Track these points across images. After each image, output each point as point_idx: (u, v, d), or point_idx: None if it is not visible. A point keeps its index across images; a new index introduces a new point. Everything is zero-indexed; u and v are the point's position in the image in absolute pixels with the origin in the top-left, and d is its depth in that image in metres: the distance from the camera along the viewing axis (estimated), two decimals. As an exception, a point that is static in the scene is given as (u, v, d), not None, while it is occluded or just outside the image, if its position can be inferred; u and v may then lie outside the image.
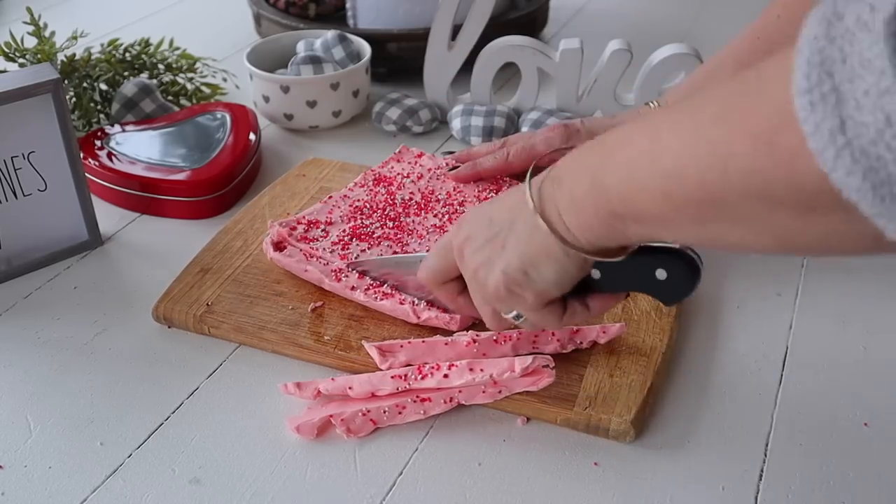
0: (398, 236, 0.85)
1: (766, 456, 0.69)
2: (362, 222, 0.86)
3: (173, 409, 0.74)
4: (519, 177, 0.94)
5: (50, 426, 0.72)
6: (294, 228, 0.85)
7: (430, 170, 0.94)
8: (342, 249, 0.83)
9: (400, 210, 0.89)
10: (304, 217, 0.87)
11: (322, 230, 0.85)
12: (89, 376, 0.77)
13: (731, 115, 0.44)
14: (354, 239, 0.85)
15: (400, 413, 0.71)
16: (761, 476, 0.67)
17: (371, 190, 0.91)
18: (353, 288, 0.80)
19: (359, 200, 0.90)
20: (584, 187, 0.54)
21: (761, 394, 0.74)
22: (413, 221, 0.87)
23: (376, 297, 0.79)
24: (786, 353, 0.78)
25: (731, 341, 0.80)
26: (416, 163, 0.96)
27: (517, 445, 0.70)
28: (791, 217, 0.43)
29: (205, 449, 0.70)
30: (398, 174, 0.94)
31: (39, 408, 0.74)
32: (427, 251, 0.82)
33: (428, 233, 0.86)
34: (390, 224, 0.86)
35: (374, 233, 0.85)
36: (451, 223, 0.87)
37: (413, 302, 0.78)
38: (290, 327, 0.79)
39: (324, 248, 0.84)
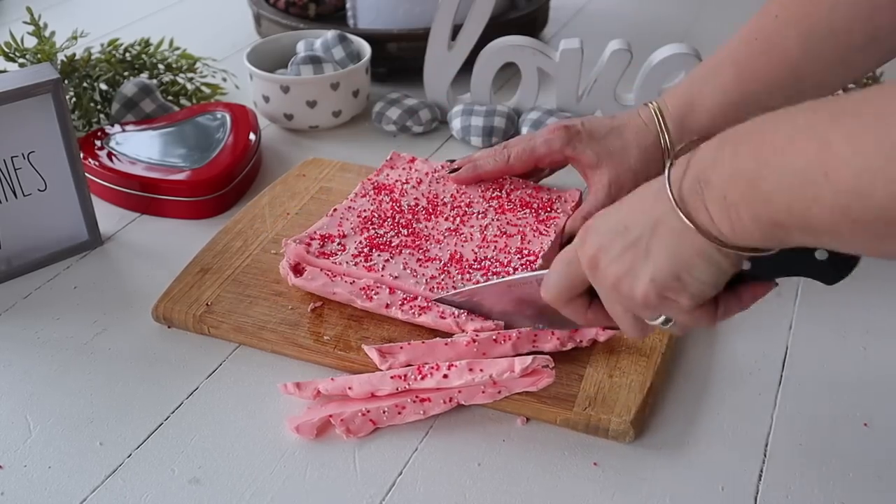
0: (416, 243, 0.84)
1: (765, 456, 0.69)
2: (376, 232, 0.85)
3: (173, 409, 0.74)
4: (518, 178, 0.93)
5: (49, 426, 0.72)
6: (309, 244, 0.83)
7: (427, 174, 0.94)
8: (365, 261, 0.81)
9: (410, 217, 0.88)
10: (315, 232, 0.85)
11: (338, 244, 0.83)
12: (89, 376, 0.77)
13: None
14: (374, 250, 0.83)
15: (399, 413, 0.71)
16: (761, 476, 0.67)
17: (374, 199, 0.90)
18: (387, 306, 0.78)
19: (365, 210, 0.88)
20: (740, 192, 0.51)
21: (761, 394, 0.74)
22: (426, 227, 0.86)
23: (415, 314, 0.78)
24: (785, 353, 0.78)
25: (730, 341, 0.80)
26: (410, 168, 0.95)
27: (517, 446, 0.70)
28: None
29: (204, 449, 0.70)
30: (396, 181, 0.93)
31: (39, 408, 0.74)
32: (440, 250, 0.83)
33: (444, 237, 0.85)
34: (405, 232, 0.86)
35: (391, 242, 0.84)
36: (464, 225, 0.87)
37: (454, 314, 0.77)
38: (289, 327, 0.79)
39: (346, 262, 0.81)
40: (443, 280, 0.79)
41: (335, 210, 0.88)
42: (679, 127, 0.83)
